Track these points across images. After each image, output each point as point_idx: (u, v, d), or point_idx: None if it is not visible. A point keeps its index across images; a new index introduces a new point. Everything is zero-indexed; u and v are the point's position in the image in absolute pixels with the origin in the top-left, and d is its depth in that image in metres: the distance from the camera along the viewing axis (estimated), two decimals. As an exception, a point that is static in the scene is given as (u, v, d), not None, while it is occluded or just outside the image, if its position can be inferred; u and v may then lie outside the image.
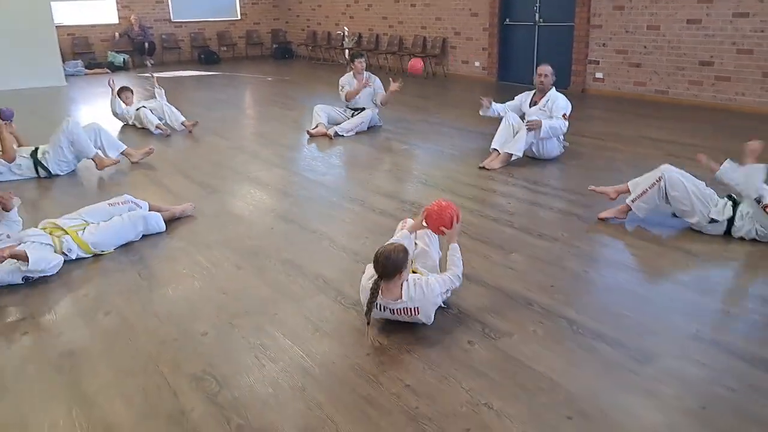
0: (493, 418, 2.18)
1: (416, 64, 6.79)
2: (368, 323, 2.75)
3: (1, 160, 5.32)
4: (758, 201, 3.52)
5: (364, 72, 6.90)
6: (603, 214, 4.05)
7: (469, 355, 2.58)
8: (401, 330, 2.76)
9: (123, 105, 7.51)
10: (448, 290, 2.80)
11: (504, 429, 2.13)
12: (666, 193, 3.76)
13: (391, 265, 2.58)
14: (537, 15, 9.87)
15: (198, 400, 2.33)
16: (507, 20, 10.42)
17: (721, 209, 3.70)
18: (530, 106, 5.58)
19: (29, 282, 3.33)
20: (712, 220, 3.69)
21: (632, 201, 3.91)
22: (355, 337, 2.74)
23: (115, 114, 7.57)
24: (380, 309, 2.70)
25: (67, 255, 3.57)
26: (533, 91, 5.66)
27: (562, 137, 5.54)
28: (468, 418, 2.19)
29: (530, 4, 9.94)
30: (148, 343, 2.74)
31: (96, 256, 3.68)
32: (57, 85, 11.60)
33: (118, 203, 3.96)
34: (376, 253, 2.63)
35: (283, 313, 2.96)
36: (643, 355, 2.54)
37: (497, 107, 5.72)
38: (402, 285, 2.64)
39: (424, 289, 2.67)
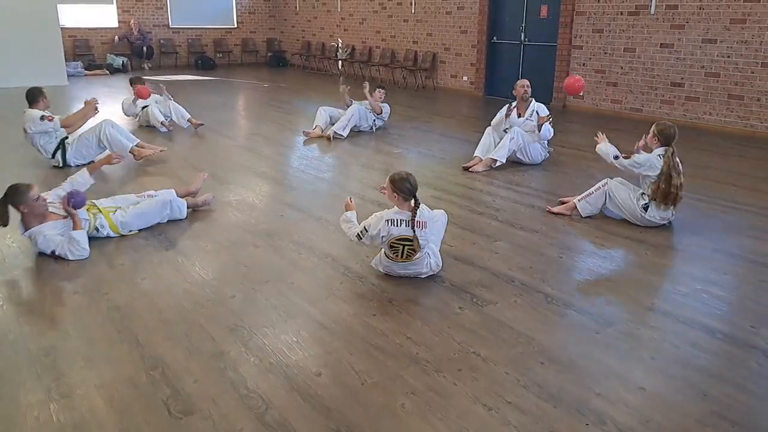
0: (480, 362, 2.66)
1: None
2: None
3: (61, 125, 5.86)
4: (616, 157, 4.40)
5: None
6: (554, 209, 4.65)
7: (459, 317, 3.06)
8: (402, 298, 3.24)
9: (130, 102, 7.83)
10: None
11: (489, 370, 2.61)
12: (608, 196, 4.44)
13: (415, 182, 3.31)
14: (523, 35, 10.50)
15: (233, 344, 2.77)
16: (495, 38, 11.03)
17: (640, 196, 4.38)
18: (518, 118, 6.12)
19: (55, 256, 3.68)
20: (645, 207, 4.32)
21: (578, 200, 4.55)
22: (363, 302, 3.20)
23: (126, 114, 7.94)
24: (397, 224, 3.29)
25: (98, 231, 3.99)
26: (513, 103, 6.20)
27: (546, 143, 6.10)
28: (460, 361, 2.67)
29: (517, 24, 10.57)
30: (184, 301, 3.18)
31: (123, 236, 4.10)
32: (59, 84, 11.94)
33: (144, 195, 4.38)
34: (398, 177, 3.27)
35: (299, 282, 3.43)
36: (605, 320, 3.04)
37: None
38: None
39: (430, 212, 3.46)
